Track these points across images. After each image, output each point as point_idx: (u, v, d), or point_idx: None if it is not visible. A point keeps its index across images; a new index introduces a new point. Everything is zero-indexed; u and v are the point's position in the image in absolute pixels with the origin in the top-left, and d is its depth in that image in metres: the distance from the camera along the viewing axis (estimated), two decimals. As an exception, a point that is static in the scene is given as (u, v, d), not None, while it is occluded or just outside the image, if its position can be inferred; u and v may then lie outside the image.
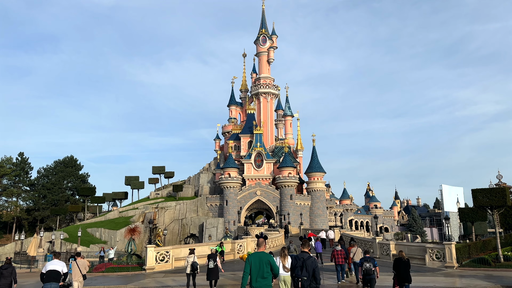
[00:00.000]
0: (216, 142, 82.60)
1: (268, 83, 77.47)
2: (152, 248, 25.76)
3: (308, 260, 7.97)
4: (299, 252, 9.23)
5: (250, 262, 7.73)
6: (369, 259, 13.65)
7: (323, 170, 70.43)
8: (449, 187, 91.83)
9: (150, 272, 24.86)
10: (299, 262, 7.98)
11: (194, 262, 16.61)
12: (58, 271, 11.19)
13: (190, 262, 16.62)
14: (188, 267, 16.59)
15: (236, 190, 67.84)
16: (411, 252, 26.86)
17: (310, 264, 7.91)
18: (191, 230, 64.48)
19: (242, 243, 31.14)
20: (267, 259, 7.70)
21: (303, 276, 7.83)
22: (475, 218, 35.45)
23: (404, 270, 13.02)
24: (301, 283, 7.86)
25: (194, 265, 16.55)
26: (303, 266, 7.90)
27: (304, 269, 7.88)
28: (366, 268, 13.46)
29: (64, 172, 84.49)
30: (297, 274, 7.94)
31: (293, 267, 8.11)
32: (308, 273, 7.85)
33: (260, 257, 7.68)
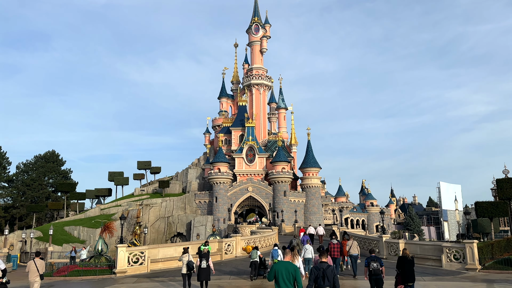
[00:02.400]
0: (206, 136, 78.62)
1: (261, 74, 73.63)
2: (123, 248, 21.86)
3: (328, 270, 8.23)
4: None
5: (275, 270, 7.98)
6: (376, 259, 12.94)
7: (319, 166, 66.89)
8: (447, 185, 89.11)
9: (120, 277, 20.99)
10: (320, 273, 8.24)
11: (190, 261, 15.78)
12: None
13: (185, 262, 15.73)
14: (183, 267, 15.70)
15: (226, 186, 63.97)
16: (424, 252, 23.43)
17: (329, 273, 8.22)
18: (178, 229, 60.49)
19: (230, 242, 27.36)
20: (293, 268, 7.93)
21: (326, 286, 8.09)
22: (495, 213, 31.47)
23: (409, 269, 12.40)
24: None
25: (190, 265, 15.69)
26: (324, 276, 8.17)
27: (326, 279, 8.17)
28: (373, 268, 12.68)
29: (45, 167, 79.73)
30: (319, 284, 8.20)
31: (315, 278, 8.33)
32: (329, 282, 8.15)
33: (286, 267, 7.93)
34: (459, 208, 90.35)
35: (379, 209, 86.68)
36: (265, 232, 36.42)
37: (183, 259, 15.86)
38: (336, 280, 8.39)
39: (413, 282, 12.37)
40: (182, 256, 16.07)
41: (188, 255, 15.99)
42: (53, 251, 36.83)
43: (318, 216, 64.01)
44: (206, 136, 78.74)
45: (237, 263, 24.38)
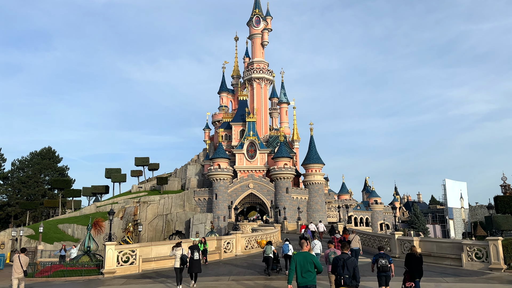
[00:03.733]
0: (206, 132, 76.55)
1: (262, 67, 71.49)
2: (112, 246, 19.84)
3: (349, 260, 8.61)
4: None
5: (295, 261, 8.47)
6: (384, 255, 12.59)
7: (322, 162, 64.82)
8: (453, 182, 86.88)
9: (108, 277, 19.00)
10: (340, 262, 8.57)
11: (184, 255, 15.53)
12: None
13: (179, 256, 15.44)
14: (177, 261, 15.40)
15: (226, 182, 61.96)
16: (442, 250, 21.46)
17: (350, 263, 8.55)
18: (177, 227, 58.51)
19: (230, 239, 25.35)
20: (311, 258, 8.43)
21: (345, 275, 8.45)
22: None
23: (416, 266, 12.44)
24: (344, 281, 8.45)
25: (184, 258, 15.44)
26: (344, 265, 8.51)
27: (346, 268, 8.51)
28: (381, 264, 12.32)
29: (40, 164, 77.79)
30: (339, 272, 8.55)
31: (335, 266, 8.67)
32: (349, 272, 8.52)
33: (305, 256, 8.43)
34: (465, 206, 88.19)
35: (383, 207, 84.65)
36: (267, 229, 34.45)
37: (176, 253, 15.54)
38: (357, 271, 8.69)
39: (420, 277, 12.38)
40: (175, 250, 15.71)
41: (181, 249, 15.72)
42: (44, 250, 34.88)
43: (321, 214, 61.96)
44: (205, 132, 76.69)
45: (238, 263, 22.41)
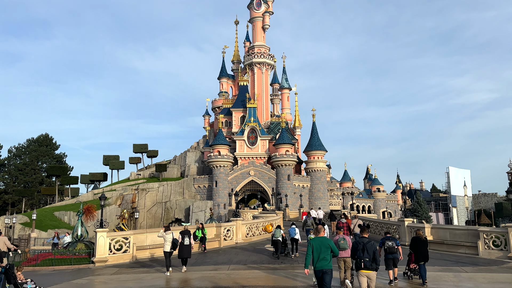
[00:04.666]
0: (206, 118, 74.94)
1: (263, 52, 69.46)
2: (103, 233, 18.50)
3: (368, 244, 8.72)
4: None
5: (312, 246, 8.69)
6: (392, 238, 12.61)
7: (324, 148, 63.35)
8: (456, 170, 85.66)
9: (99, 266, 17.72)
10: (360, 246, 8.68)
11: (175, 239, 15.39)
12: None
13: (169, 240, 15.26)
14: (167, 245, 15.22)
15: (226, 170, 60.61)
16: (455, 238, 20.11)
17: (370, 247, 8.68)
18: (176, 214, 57.39)
19: (230, 227, 24.03)
20: (327, 243, 8.74)
21: (365, 258, 8.61)
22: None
23: (422, 249, 12.55)
24: (364, 264, 8.60)
25: (175, 242, 15.32)
26: (364, 249, 8.63)
27: (366, 252, 8.63)
28: (388, 246, 12.33)
29: (38, 151, 76.37)
30: (359, 256, 8.68)
31: (355, 250, 8.79)
32: (369, 255, 8.65)
33: (321, 241, 8.72)
34: (468, 194, 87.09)
35: (385, 194, 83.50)
36: (268, 216, 33.16)
37: (167, 237, 15.21)
38: (377, 254, 8.80)
39: (426, 261, 12.38)
40: (165, 234, 15.32)
41: (171, 232, 15.44)
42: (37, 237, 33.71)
43: (323, 202, 60.75)
44: (205, 119, 75.10)
45: (238, 251, 21.12)
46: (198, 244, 21.25)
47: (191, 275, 15.10)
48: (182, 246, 15.43)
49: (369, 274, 8.63)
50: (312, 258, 8.61)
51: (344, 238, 11.68)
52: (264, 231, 25.77)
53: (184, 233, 15.69)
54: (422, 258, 12.37)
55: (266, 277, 14.17)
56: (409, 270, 13.08)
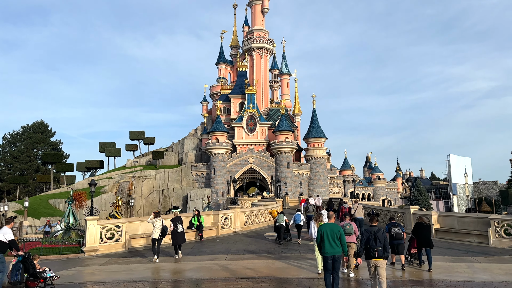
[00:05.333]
0: (203, 105, 73.54)
1: (262, 36, 67.73)
2: (93, 221, 17.48)
3: (379, 233, 8.72)
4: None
5: (322, 232, 8.74)
6: (397, 224, 12.72)
7: (324, 136, 62.22)
8: (457, 157, 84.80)
9: (90, 256, 16.75)
10: (372, 235, 8.67)
11: (164, 226, 14.98)
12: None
13: (158, 226, 14.79)
14: (155, 232, 14.75)
15: (225, 157, 59.55)
16: (464, 226, 19.19)
17: (381, 236, 8.68)
18: (174, 202, 56.48)
19: (228, 214, 23.05)
20: (338, 229, 8.80)
21: (378, 247, 8.54)
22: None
23: (425, 234, 12.43)
24: (377, 253, 8.54)
25: (165, 229, 14.91)
26: (375, 238, 8.59)
27: (378, 241, 8.57)
28: (395, 232, 12.40)
29: (33, 138, 75.06)
30: (371, 245, 8.59)
31: (367, 240, 8.70)
32: (381, 244, 8.58)
33: (332, 228, 8.78)
34: (469, 182, 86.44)
35: (385, 182, 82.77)
36: (267, 204, 32.24)
37: (156, 224, 14.72)
38: (387, 242, 8.81)
39: (431, 247, 12.32)
40: (154, 220, 14.82)
41: (161, 219, 14.98)
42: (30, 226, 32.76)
43: (323, 189, 59.91)
44: (203, 105, 73.71)
45: (236, 239, 20.16)
46: (194, 233, 20.31)
47: (185, 265, 14.14)
48: (176, 233, 15.08)
49: (380, 262, 8.59)
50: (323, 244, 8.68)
51: (350, 224, 12.03)
52: (269, 214, 25.84)
53: (176, 220, 15.35)
54: (426, 243, 12.33)
55: (266, 267, 13.20)
56: (410, 255, 13.19)
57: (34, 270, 10.00)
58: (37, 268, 10.34)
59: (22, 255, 10.03)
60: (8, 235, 9.88)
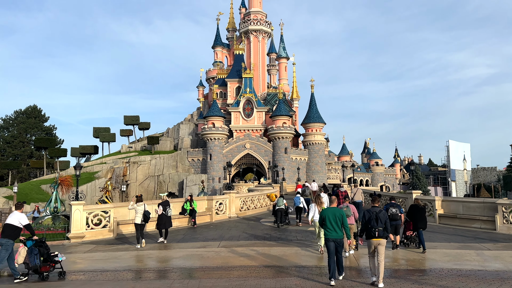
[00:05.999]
0: (200, 89, 72.06)
1: (260, 18, 65.88)
2: (79, 206, 16.50)
3: (380, 213, 8.76)
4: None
5: (324, 216, 8.92)
6: (396, 205, 12.65)
7: (323, 121, 61.12)
8: (456, 143, 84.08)
9: (75, 243, 15.82)
10: (373, 215, 8.71)
11: (147, 211, 14.51)
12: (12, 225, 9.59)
13: (141, 211, 14.34)
14: (138, 216, 14.31)
15: (221, 142, 58.47)
16: (469, 211, 18.35)
17: (382, 216, 8.73)
18: (170, 188, 55.60)
19: (223, 200, 22.09)
20: (340, 213, 8.94)
21: (379, 227, 8.59)
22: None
23: (420, 216, 12.60)
24: (378, 233, 8.56)
25: (147, 214, 14.46)
26: (377, 218, 8.64)
27: (379, 221, 8.63)
28: (392, 213, 12.30)
29: (26, 123, 73.70)
30: (373, 225, 8.63)
31: (368, 220, 8.73)
32: (382, 224, 8.64)
33: (334, 212, 8.92)
34: (468, 168, 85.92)
35: (384, 168, 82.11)
36: (264, 189, 31.33)
37: (138, 208, 14.25)
38: (388, 223, 8.88)
39: (425, 228, 12.51)
40: (136, 205, 14.31)
41: (143, 204, 14.45)
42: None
43: (321, 175, 59.11)
44: (199, 90, 72.23)
45: (231, 225, 19.27)
46: (187, 219, 19.39)
47: (175, 253, 13.21)
48: (164, 217, 14.82)
49: (380, 242, 8.63)
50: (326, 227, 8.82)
51: (348, 206, 12.16)
52: (268, 198, 25.52)
53: (165, 204, 15.11)
54: (421, 225, 12.41)
55: (262, 254, 12.29)
56: (406, 237, 13.14)
57: (48, 254, 9.91)
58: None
59: (36, 239, 9.99)
60: (23, 220, 9.81)
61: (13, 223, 9.64)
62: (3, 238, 9.54)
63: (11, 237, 9.59)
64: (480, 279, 9.34)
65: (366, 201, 26.77)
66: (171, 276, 10.02)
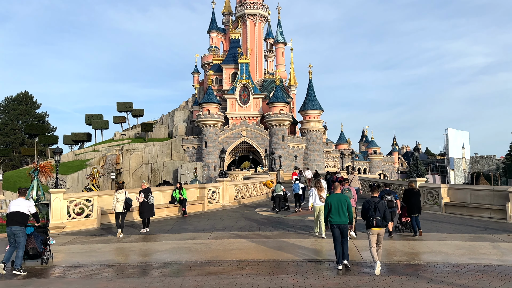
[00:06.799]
0: (195, 76, 70.28)
1: (256, 2, 63.88)
2: (59, 194, 15.27)
3: (379, 203, 8.81)
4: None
5: (329, 203, 9.06)
6: (390, 192, 12.63)
7: (321, 108, 59.76)
8: (455, 131, 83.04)
9: (54, 234, 14.54)
10: (372, 205, 8.79)
11: (128, 198, 13.77)
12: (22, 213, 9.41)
13: (121, 199, 13.63)
14: (118, 205, 13.59)
15: (217, 130, 57.09)
16: (478, 200, 17.29)
17: (381, 206, 8.76)
18: (164, 176, 54.39)
19: (216, 188, 20.88)
20: (345, 199, 9.14)
21: (377, 217, 8.66)
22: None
23: (415, 201, 12.61)
24: (376, 222, 8.61)
25: (129, 202, 13.76)
26: (375, 208, 8.71)
27: (377, 211, 8.67)
28: (387, 200, 12.26)
29: (17, 110, 71.95)
30: (371, 215, 8.70)
31: (366, 209, 8.80)
32: (380, 214, 8.68)
33: (339, 198, 9.11)
34: (466, 156, 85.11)
35: (382, 157, 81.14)
36: (259, 177, 30.15)
37: (119, 196, 13.63)
38: (387, 212, 8.83)
39: (419, 213, 12.58)
40: (116, 193, 13.72)
41: (123, 191, 13.78)
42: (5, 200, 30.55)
43: (319, 163, 58.01)
44: (194, 76, 70.44)
45: (224, 215, 18.12)
46: (177, 208, 18.21)
47: (160, 245, 12.03)
48: (146, 205, 14.21)
49: (379, 231, 8.70)
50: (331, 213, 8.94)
51: (349, 188, 12.50)
52: (264, 185, 25.21)
53: (146, 191, 14.47)
54: (416, 210, 12.44)
55: (256, 247, 11.12)
56: (401, 223, 13.05)
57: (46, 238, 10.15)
58: None
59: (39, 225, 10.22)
60: (32, 208, 9.72)
61: (23, 211, 9.44)
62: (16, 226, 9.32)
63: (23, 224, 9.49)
64: (502, 276, 8.22)
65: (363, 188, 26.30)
66: (152, 273, 8.83)
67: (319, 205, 12.19)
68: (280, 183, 19.39)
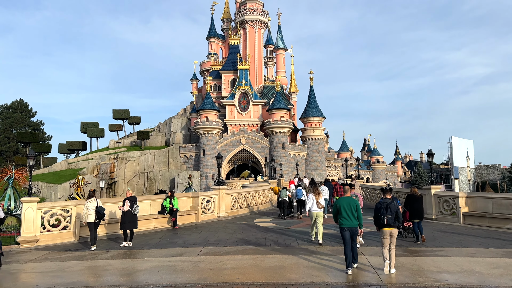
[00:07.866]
0: (193, 82, 68.88)
1: (256, 8, 62.76)
2: (32, 204, 13.50)
3: (391, 204, 8.86)
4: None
5: (338, 206, 9.01)
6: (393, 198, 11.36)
7: (322, 115, 58.16)
8: (459, 140, 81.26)
9: (25, 249, 12.89)
10: (384, 205, 8.85)
11: (100, 206, 12.29)
12: None
13: (92, 208, 12.21)
14: (89, 214, 12.17)
15: (215, 137, 55.40)
16: (501, 210, 15.60)
17: (393, 207, 8.81)
18: (160, 186, 52.52)
19: (210, 197, 19.09)
20: (354, 202, 9.03)
21: (388, 215, 8.71)
22: None
23: (418, 206, 12.55)
24: (387, 220, 8.65)
25: (101, 211, 12.28)
26: (387, 208, 8.78)
27: (389, 210, 8.74)
28: None
29: (11, 118, 70.46)
30: (382, 213, 8.78)
31: (378, 209, 8.88)
32: (392, 213, 8.74)
33: (348, 201, 9.01)
34: (471, 165, 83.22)
35: (385, 166, 79.29)
36: (259, 186, 28.38)
37: (90, 206, 12.36)
38: (399, 213, 8.82)
39: (421, 219, 12.49)
40: (87, 202, 12.46)
41: (95, 199, 12.49)
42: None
43: (321, 172, 56.19)
44: (193, 83, 69.05)
45: (219, 226, 16.34)
46: (167, 219, 16.42)
47: (141, 263, 10.26)
48: (130, 215, 12.67)
49: (391, 231, 8.66)
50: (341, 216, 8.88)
51: (356, 195, 12.57)
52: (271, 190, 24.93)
53: (132, 199, 12.94)
54: (417, 216, 12.40)
55: (253, 266, 9.35)
56: (403, 228, 12.99)
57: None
58: None
59: None
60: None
61: None
62: None
63: None
64: None
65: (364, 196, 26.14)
66: (122, 301, 7.06)
67: (316, 211, 12.27)
68: (285, 188, 18.94)
